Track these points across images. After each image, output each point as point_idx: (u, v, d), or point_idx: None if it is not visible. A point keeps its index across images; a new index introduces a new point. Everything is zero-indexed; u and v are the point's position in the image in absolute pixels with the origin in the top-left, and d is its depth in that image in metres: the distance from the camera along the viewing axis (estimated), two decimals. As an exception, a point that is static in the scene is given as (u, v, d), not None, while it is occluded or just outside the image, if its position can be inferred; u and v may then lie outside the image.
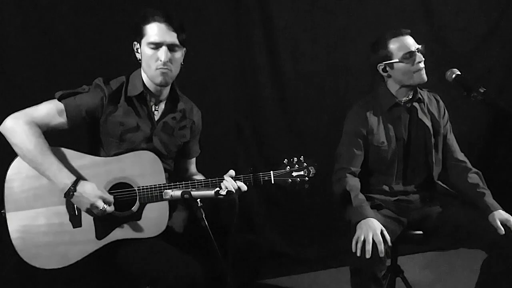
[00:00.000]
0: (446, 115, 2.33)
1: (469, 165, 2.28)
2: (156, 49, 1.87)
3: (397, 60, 2.16)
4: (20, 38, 2.62)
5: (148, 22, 1.87)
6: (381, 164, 2.24)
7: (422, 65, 2.16)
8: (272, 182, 1.95)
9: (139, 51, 1.93)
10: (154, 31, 1.86)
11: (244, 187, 1.89)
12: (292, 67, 3.24)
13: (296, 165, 1.97)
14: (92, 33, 2.73)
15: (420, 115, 2.25)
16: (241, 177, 1.92)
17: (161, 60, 1.87)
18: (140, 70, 1.97)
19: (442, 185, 2.29)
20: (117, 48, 2.42)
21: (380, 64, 2.21)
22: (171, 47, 1.88)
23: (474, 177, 2.23)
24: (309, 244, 3.30)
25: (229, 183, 1.87)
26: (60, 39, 2.69)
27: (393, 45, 2.17)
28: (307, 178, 1.96)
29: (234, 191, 1.82)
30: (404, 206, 2.26)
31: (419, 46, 2.17)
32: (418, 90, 2.27)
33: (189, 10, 2.93)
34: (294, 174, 1.96)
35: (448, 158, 2.30)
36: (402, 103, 2.24)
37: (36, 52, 2.65)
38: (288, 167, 1.97)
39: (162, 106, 2.02)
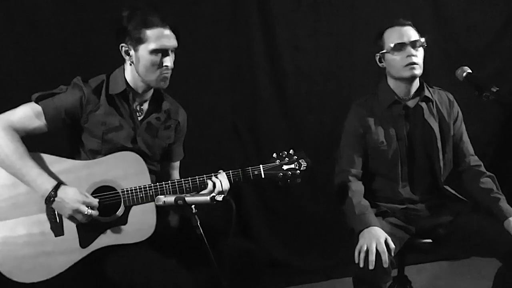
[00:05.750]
0: (459, 117, 2.30)
1: (482, 168, 2.26)
2: (161, 55, 1.88)
3: (385, 51, 2.16)
4: (4, 37, 2.61)
5: (149, 27, 1.85)
6: (382, 166, 2.22)
7: (413, 59, 2.12)
8: (263, 176, 1.95)
9: (131, 53, 1.91)
10: (158, 37, 1.86)
11: (225, 182, 1.91)
12: (292, 65, 3.24)
13: (286, 159, 1.98)
14: (78, 31, 2.72)
15: (427, 116, 2.23)
16: (229, 172, 1.93)
17: (167, 66, 1.89)
18: (122, 69, 1.97)
19: (450, 190, 2.26)
20: (104, 47, 2.41)
21: (376, 55, 2.22)
22: (172, 50, 1.92)
23: (487, 181, 2.20)
24: (310, 253, 3.29)
25: (218, 180, 1.89)
26: (45, 37, 2.68)
27: (386, 35, 2.17)
28: (298, 172, 1.97)
29: (223, 190, 1.86)
30: (412, 215, 2.22)
31: (417, 39, 2.14)
32: (426, 87, 2.24)
33: (185, 8, 2.93)
34: (285, 167, 1.97)
35: (461, 163, 2.28)
36: (403, 101, 2.21)
37: (21, 51, 2.65)
38: (278, 160, 1.98)
39: (146, 106, 2.02)
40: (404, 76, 2.16)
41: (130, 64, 1.93)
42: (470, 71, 2.04)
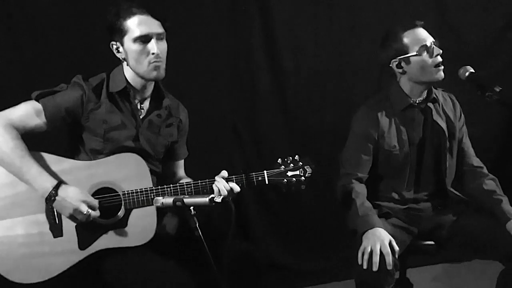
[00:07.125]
0: (462, 118, 2.30)
1: (485, 170, 2.26)
2: (145, 43, 1.87)
3: (414, 54, 2.10)
4: (4, 37, 2.62)
5: (127, 17, 1.86)
6: (391, 169, 2.20)
7: (440, 59, 2.11)
8: (267, 182, 1.93)
9: (120, 50, 1.92)
10: (138, 24, 1.85)
11: (236, 188, 1.87)
12: (293, 65, 3.23)
13: (291, 165, 1.95)
14: (78, 31, 2.71)
15: (435, 116, 2.21)
16: (233, 177, 1.90)
17: (153, 53, 1.87)
18: (121, 67, 1.97)
19: (455, 192, 2.26)
20: (104, 46, 2.42)
21: (394, 60, 2.15)
22: (158, 37, 1.89)
23: (490, 184, 2.21)
24: (312, 255, 3.27)
25: (221, 184, 1.85)
26: (43, 36, 2.68)
27: (407, 38, 2.11)
28: (303, 178, 1.95)
29: (227, 194, 1.82)
30: (415, 215, 2.22)
31: (434, 40, 2.13)
32: (433, 89, 2.23)
33: (185, 8, 2.92)
34: (289, 174, 1.94)
35: (463, 164, 2.28)
36: (417, 104, 2.20)
37: (21, 51, 2.65)
38: (283, 166, 1.95)
39: (147, 104, 2.01)
40: (433, 79, 2.12)
41: (123, 61, 1.93)
42: (472, 70, 2.04)
